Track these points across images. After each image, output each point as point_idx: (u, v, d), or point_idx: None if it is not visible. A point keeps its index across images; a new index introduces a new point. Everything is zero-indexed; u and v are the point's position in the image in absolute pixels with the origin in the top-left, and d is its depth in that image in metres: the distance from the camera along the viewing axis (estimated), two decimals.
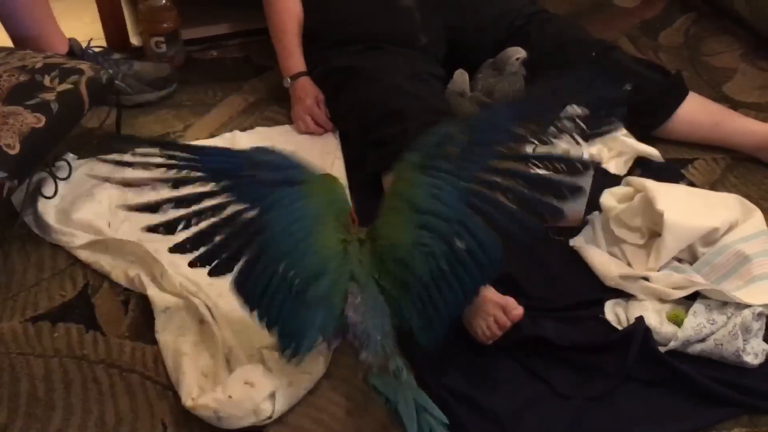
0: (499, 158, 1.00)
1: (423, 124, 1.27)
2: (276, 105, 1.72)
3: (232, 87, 1.78)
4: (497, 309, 1.10)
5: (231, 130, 1.63)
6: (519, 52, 1.63)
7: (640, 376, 1.13)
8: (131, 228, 1.37)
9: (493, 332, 1.10)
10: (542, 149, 1.02)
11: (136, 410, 1.10)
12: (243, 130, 1.63)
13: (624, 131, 1.56)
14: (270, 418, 1.07)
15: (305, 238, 1.02)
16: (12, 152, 1.24)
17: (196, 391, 1.08)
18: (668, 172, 1.51)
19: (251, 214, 1.00)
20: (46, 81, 1.38)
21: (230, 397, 1.05)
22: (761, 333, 1.17)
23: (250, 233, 1.00)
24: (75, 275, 1.32)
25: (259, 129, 1.64)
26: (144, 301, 1.25)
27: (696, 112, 1.58)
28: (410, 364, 1.03)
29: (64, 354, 1.18)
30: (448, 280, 0.99)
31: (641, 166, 1.53)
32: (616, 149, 1.54)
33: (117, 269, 1.31)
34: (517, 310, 1.09)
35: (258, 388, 1.07)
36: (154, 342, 1.18)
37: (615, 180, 1.46)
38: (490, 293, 1.13)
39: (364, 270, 1.04)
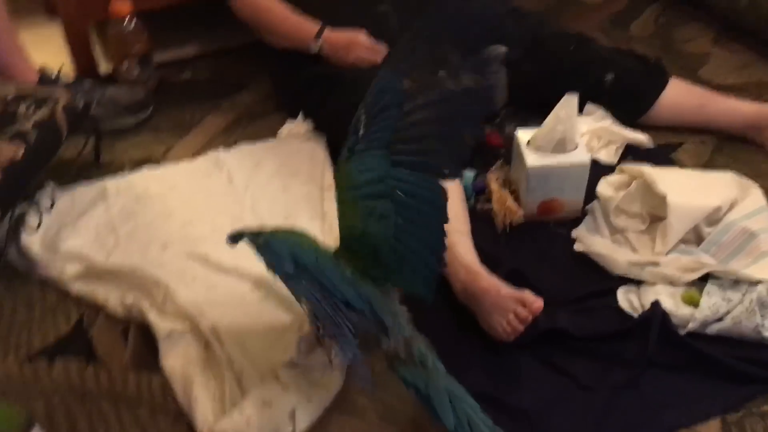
0: (402, 117, 1.05)
1: None
2: (258, 120, 1.69)
3: (210, 106, 1.74)
4: (516, 303, 1.08)
5: (215, 150, 1.58)
6: (498, 49, 1.62)
7: (663, 361, 1.11)
8: (125, 253, 1.32)
9: (515, 327, 1.07)
10: None
11: None
12: (227, 148, 1.59)
13: (611, 120, 1.56)
14: None
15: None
16: None
17: (212, 416, 1.04)
18: (658, 158, 1.50)
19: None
20: (21, 110, 1.33)
21: (249, 419, 1.01)
22: None
23: None
24: (68, 309, 1.26)
25: (243, 146, 1.60)
26: (144, 330, 1.20)
27: (680, 96, 1.59)
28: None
29: (66, 391, 1.12)
30: (408, 228, 1.01)
31: (631, 153, 1.53)
32: (605, 138, 1.53)
33: (113, 298, 1.25)
34: (538, 302, 1.07)
35: (277, 407, 1.03)
36: (160, 370, 1.13)
37: (608, 169, 1.46)
38: (503, 289, 1.11)
39: (349, 268, 1.02)
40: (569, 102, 1.32)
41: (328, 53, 1.55)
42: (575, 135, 1.34)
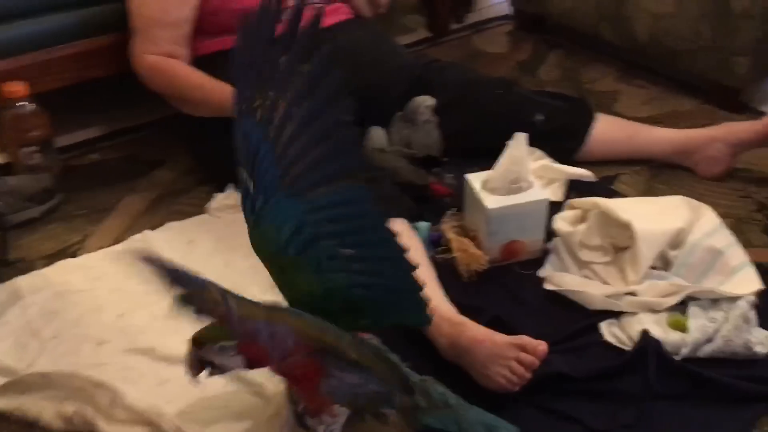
0: (272, 148, 0.91)
1: None
2: (182, 197, 1.57)
3: (125, 187, 1.60)
4: (515, 350, 1.00)
5: (139, 233, 1.44)
6: (427, 101, 1.59)
7: (666, 392, 1.07)
8: (53, 358, 1.15)
9: (521, 374, 1.00)
10: None
11: None
12: (153, 229, 1.45)
13: (548, 159, 1.55)
14: None
15: None
16: None
17: None
18: (601, 190, 1.50)
19: None
20: None
21: None
22: (756, 322, 1.16)
23: None
24: None
25: (170, 224, 1.46)
26: None
27: (609, 130, 1.61)
28: None
29: None
30: (362, 253, 0.90)
31: (574, 189, 1.52)
32: (546, 177, 1.52)
33: (47, 412, 1.07)
34: (542, 345, 1.00)
35: None
36: None
37: (556, 207, 1.43)
38: (498, 337, 1.04)
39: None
40: (519, 141, 1.30)
41: None
42: (528, 174, 1.31)
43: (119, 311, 1.26)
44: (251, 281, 1.31)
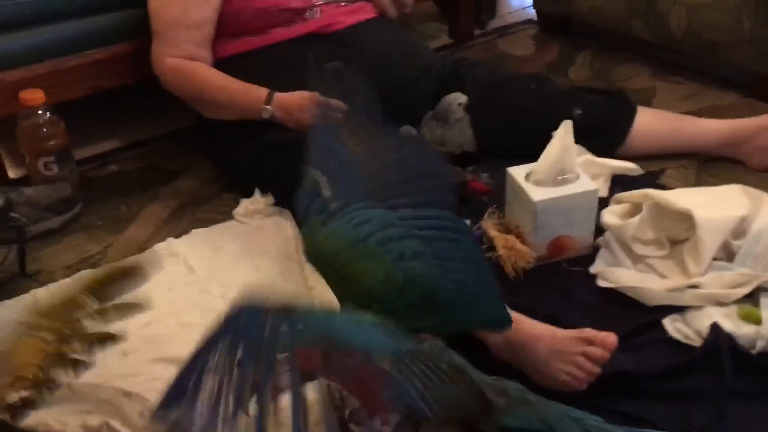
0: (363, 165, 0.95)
1: None
2: (206, 205, 1.50)
3: (147, 197, 1.53)
4: (581, 344, 0.92)
5: (163, 241, 1.37)
6: (459, 98, 1.53)
7: (744, 389, 0.97)
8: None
9: (589, 370, 0.91)
10: None
11: None
12: (177, 237, 1.38)
13: (590, 154, 1.47)
14: None
15: None
16: None
17: None
18: (647, 185, 1.41)
19: None
20: None
21: None
22: None
23: None
24: None
25: (196, 231, 1.39)
26: None
27: (652, 123, 1.53)
28: None
29: None
30: (449, 260, 0.87)
31: (618, 185, 1.44)
32: (590, 171, 1.43)
33: (72, 424, 0.99)
34: (611, 336, 0.91)
35: None
36: None
37: (601, 204, 1.35)
38: (559, 332, 0.96)
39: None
40: (567, 129, 1.23)
41: (282, 117, 1.39)
42: (575, 165, 1.24)
43: (144, 321, 1.18)
44: (282, 287, 1.24)
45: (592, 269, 1.21)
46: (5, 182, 1.57)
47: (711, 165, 1.51)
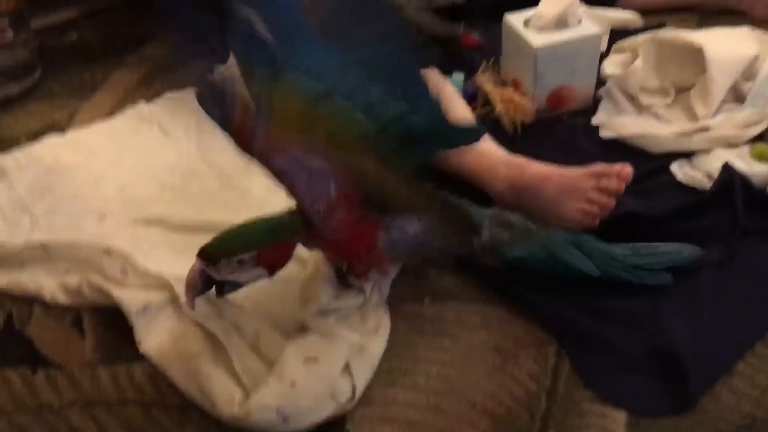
0: None
1: None
2: (178, 70, 1.39)
3: (113, 63, 1.42)
4: (592, 179, 0.87)
5: (133, 105, 1.27)
6: None
7: (758, 227, 0.93)
8: (49, 231, 1.00)
9: (604, 204, 0.86)
10: None
11: None
12: (148, 101, 1.28)
13: (586, 6, 1.39)
14: (353, 398, 0.76)
15: None
16: None
17: (239, 393, 0.75)
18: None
19: None
20: None
21: (294, 382, 0.73)
22: None
23: None
24: None
25: (170, 95, 1.29)
26: (102, 314, 0.89)
27: None
28: None
29: (12, 410, 0.80)
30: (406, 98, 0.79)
31: (617, 40, 1.36)
32: None
33: (49, 284, 0.93)
34: (626, 167, 0.86)
35: (325, 362, 0.76)
36: (140, 357, 0.83)
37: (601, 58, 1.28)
38: (567, 171, 0.90)
39: None
40: None
41: None
42: (577, 8, 1.15)
43: (121, 183, 1.10)
44: None
45: (594, 120, 1.15)
46: None
47: (711, 18, 1.43)
